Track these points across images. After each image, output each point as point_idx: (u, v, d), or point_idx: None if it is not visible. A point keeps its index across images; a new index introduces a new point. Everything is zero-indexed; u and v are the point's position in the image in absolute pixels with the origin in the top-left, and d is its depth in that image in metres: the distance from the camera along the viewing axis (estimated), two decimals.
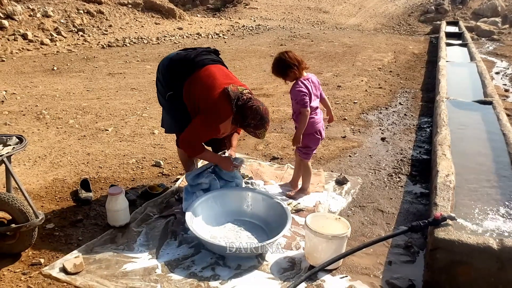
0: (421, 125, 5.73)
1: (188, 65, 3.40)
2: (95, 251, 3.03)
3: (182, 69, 3.41)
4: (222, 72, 3.44)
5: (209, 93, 3.26)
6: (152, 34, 12.83)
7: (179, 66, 3.44)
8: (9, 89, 6.97)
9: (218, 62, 3.55)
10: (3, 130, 5.20)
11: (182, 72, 3.40)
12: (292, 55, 3.50)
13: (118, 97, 6.80)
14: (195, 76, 3.37)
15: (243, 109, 3.18)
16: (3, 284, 2.70)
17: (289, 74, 3.50)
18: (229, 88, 3.22)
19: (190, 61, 3.41)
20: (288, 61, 3.46)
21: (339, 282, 2.79)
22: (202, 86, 3.32)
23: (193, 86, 3.35)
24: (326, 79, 8.14)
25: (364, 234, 3.32)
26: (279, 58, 3.52)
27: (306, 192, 3.84)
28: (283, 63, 3.49)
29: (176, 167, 4.39)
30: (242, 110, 3.18)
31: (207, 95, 3.27)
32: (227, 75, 3.45)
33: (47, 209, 3.57)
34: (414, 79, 8.32)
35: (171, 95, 3.48)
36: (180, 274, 2.82)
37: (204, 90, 3.29)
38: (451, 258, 2.57)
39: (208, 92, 3.27)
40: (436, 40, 12.43)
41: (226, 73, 3.48)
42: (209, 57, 3.51)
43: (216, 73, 3.39)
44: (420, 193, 3.92)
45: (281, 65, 3.50)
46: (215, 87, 3.26)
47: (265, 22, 16.43)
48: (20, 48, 9.93)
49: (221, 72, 3.44)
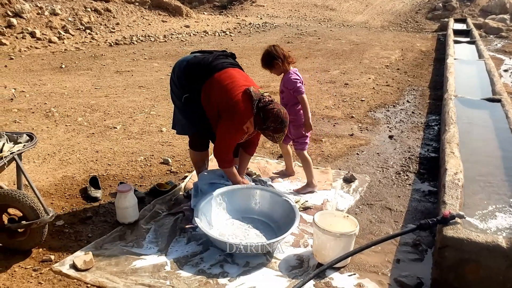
0: (429, 123, 5.71)
1: (205, 69, 3.36)
2: (105, 248, 3.05)
3: (200, 73, 3.37)
4: (241, 75, 3.44)
5: (230, 94, 3.24)
6: (159, 32, 12.86)
7: (197, 70, 3.39)
8: (18, 87, 7.02)
9: (236, 66, 3.53)
10: (12, 128, 5.25)
11: (199, 75, 3.37)
12: (279, 49, 3.66)
13: (126, 95, 6.83)
14: (213, 79, 3.33)
15: (264, 111, 3.17)
16: (15, 280, 2.74)
17: (275, 66, 3.67)
18: (250, 89, 3.22)
19: (208, 65, 3.37)
20: (274, 54, 3.64)
21: (347, 280, 2.80)
22: (222, 88, 3.28)
23: (212, 89, 3.32)
24: (333, 77, 8.13)
25: (372, 232, 3.32)
26: (266, 51, 3.71)
27: (313, 185, 3.86)
28: (269, 55, 3.67)
29: (184, 164, 4.41)
30: (263, 112, 3.17)
31: (228, 96, 3.24)
32: (246, 78, 3.45)
33: (56, 206, 3.60)
34: (421, 76, 8.29)
35: (187, 98, 3.45)
36: (189, 271, 2.84)
37: (224, 92, 3.26)
38: (460, 257, 2.56)
39: (229, 93, 3.24)
40: (444, 37, 12.37)
41: (245, 76, 3.48)
42: (227, 61, 3.49)
43: (236, 75, 3.37)
44: (428, 191, 3.91)
45: (268, 57, 3.68)
46: (236, 88, 3.25)
47: (272, 20, 16.42)
48: (28, 46, 10.00)
49: (240, 75, 3.44)
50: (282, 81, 3.76)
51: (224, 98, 3.26)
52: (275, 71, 3.73)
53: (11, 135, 3.05)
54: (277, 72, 3.73)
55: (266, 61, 3.71)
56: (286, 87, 3.72)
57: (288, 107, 3.64)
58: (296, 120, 3.74)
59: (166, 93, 6.93)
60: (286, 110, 3.35)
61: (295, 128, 3.80)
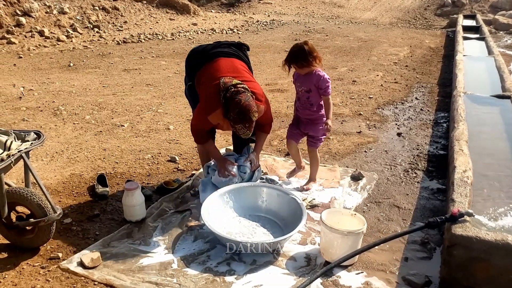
0: (437, 120, 5.66)
1: (203, 57, 3.51)
2: (112, 245, 3.06)
3: (198, 61, 3.53)
4: (230, 65, 3.45)
5: (207, 84, 3.34)
6: (166, 30, 12.88)
7: (196, 58, 3.57)
8: (27, 86, 7.07)
9: (233, 56, 3.56)
10: (21, 126, 5.28)
11: (197, 64, 3.54)
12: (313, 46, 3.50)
13: (134, 93, 6.84)
14: (205, 67, 3.46)
15: (228, 101, 3.13)
16: (23, 277, 2.75)
17: (309, 64, 3.45)
18: (222, 79, 3.24)
19: (205, 53, 3.52)
20: (311, 50, 3.44)
21: (354, 278, 2.78)
22: (206, 78, 3.40)
23: (202, 77, 3.46)
24: (341, 74, 8.10)
25: (380, 230, 3.30)
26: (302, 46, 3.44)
27: (314, 180, 3.92)
28: (306, 51, 3.42)
29: (191, 162, 4.41)
30: (227, 102, 3.14)
31: (205, 86, 3.36)
32: (234, 68, 3.44)
33: (64, 204, 3.61)
34: (430, 73, 8.23)
35: (190, 85, 3.64)
36: (195, 269, 2.83)
37: (206, 81, 3.38)
38: (469, 255, 2.53)
39: (207, 84, 3.35)
40: (453, 34, 12.26)
41: (235, 66, 3.47)
42: (225, 50, 3.55)
43: (222, 65, 3.41)
44: (436, 189, 3.88)
45: (305, 53, 3.42)
46: (214, 79, 3.30)
47: (280, 17, 16.38)
48: (37, 45, 10.06)
49: (229, 64, 3.45)
50: (309, 80, 3.54)
51: (203, 87, 3.40)
52: (303, 69, 3.51)
53: (18, 133, 3.06)
54: (305, 70, 3.50)
55: (300, 57, 3.43)
56: (316, 86, 3.54)
57: (315, 106, 3.63)
58: (320, 119, 3.68)
59: (173, 91, 6.94)
60: (313, 110, 3.48)
61: (317, 126, 3.71)
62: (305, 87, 3.61)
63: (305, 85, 3.60)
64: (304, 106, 3.69)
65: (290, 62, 3.52)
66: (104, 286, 2.68)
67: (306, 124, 3.77)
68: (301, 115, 3.78)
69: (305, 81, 3.59)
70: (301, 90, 3.65)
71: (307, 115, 3.72)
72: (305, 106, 3.68)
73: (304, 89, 3.62)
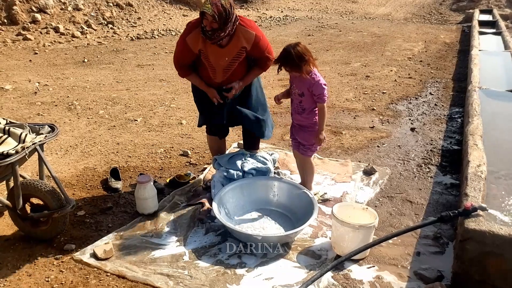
0: (452, 115, 5.60)
1: None
2: (125, 237, 3.09)
3: None
4: None
5: None
6: (180, 26, 12.89)
7: None
8: (42, 81, 7.15)
9: None
10: (36, 120, 5.35)
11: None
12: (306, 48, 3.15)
13: (147, 88, 6.88)
14: None
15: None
16: (37, 268, 2.79)
17: (303, 68, 3.13)
18: None
19: None
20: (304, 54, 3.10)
21: (366, 272, 2.77)
22: None
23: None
24: (354, 69, 8.04)
25: (392, 224, 3.28)
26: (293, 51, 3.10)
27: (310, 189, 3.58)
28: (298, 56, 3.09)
29: (203, 156, 4.43)
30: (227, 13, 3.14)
31: None
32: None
33: (78, 196, 3.66)
34: (445, 68, 8.13)
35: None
36: (207, 261, 2.85)
37: None
38: (482, 250, 2.51)
39: None
40: (469, 29, 12.09)
41: None
42: None
43: None
44: (450, 184, 3.84)
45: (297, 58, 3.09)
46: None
47: (293, 13, 16.31)
48: (52, 41, 10.16)
49: None
50: (303, 83, 3.21)
51: None
52: (292, 73, 3.24)
53: (33, 126, 3.10)
54: (300, 73, 3.14)
55: (288, 61, 3.12)
56: (310, 91, 3.21)
57: (307, 112, 3.30)
58: (311, 126, 3.35)
59: (186, 86, 6.95)
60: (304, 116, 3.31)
61: (308, 134, 3.38)
62: (298, 89, 3.27)
63: (298, 87, 3.27)
64: (296, 110, 3.37)
65: (281, 64, 3.20)
66: (117, 277, 2.72)
67: (297, 130, 3.46)
68: (293, 119, 3.47)
69: (299, 84, 3.25)
70: (295, 93, 3.32)
71: (298, 120, 3.40)
72: (297, 111, 3.36)
73: (298, 91, 3.28)
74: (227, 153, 3.91)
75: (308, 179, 3.63)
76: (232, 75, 3.44)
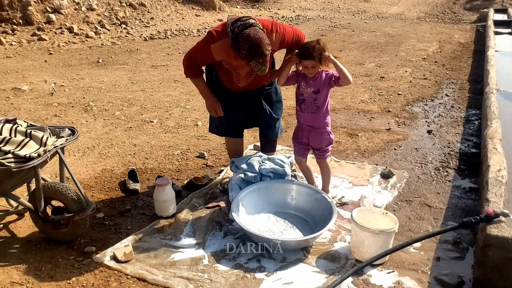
0: (469, 117, 5.55)
1: None
2: (144, 240, 3.11)
3: None
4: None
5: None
6: (193, 26, 12.93)
7: None
8: (58, 82, 7.21)
9: None
10: (53, 122, 5.40)
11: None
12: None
13: (162, 89, 6.91)
14: None
15: (237, 36, 2.96)
16: (58, 270, 2.82)
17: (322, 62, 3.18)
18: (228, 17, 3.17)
19: None
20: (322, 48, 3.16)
21: (386, 277, 2.76)
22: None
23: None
24: (368, 70, 8.01)
25: (411, 229, 3.26)
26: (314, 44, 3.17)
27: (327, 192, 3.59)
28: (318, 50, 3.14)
29: (219, 158, 4.44)
30: (237, 38, 2.96)
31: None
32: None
33: (97, 198, 3.69)
34: (460, 69, 8.06)
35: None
36: (226, 265, 2.86)
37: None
38: (505, 256, 2.48)
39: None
40: (483, 28, 11.96)
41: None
42: None
43: None
44: (469, 188, 3.81)
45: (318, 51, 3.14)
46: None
47: (305, 13, 16.27)
48: (66, 41, 10.24)
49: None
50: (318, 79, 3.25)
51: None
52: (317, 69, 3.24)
53: (53, 129, 3.13)
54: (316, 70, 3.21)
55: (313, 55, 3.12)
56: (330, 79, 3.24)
57: (321, 109, 3.30)
58: (323, 127, 3.38)
59: None
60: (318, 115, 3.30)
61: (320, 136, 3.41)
62: (312, 87, 3.28)
63: (312, 85, 3.28)
64: (310, 109, 3.33)
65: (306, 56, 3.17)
66: (137, 280, 2.73)
67: (307, 133, 3.45)
68: (304, 121, 3.43)
69: (312, 82, 3.27)
70: (307, 92, 3.30)
71: (310, 121, 3.39)
72: (311, 110, 3.33)
73: (311, 90, 3.28)
74: (244, 156, 3.91)
75: (326, 181, 3.63)
76: (256, 78, 3.41)
